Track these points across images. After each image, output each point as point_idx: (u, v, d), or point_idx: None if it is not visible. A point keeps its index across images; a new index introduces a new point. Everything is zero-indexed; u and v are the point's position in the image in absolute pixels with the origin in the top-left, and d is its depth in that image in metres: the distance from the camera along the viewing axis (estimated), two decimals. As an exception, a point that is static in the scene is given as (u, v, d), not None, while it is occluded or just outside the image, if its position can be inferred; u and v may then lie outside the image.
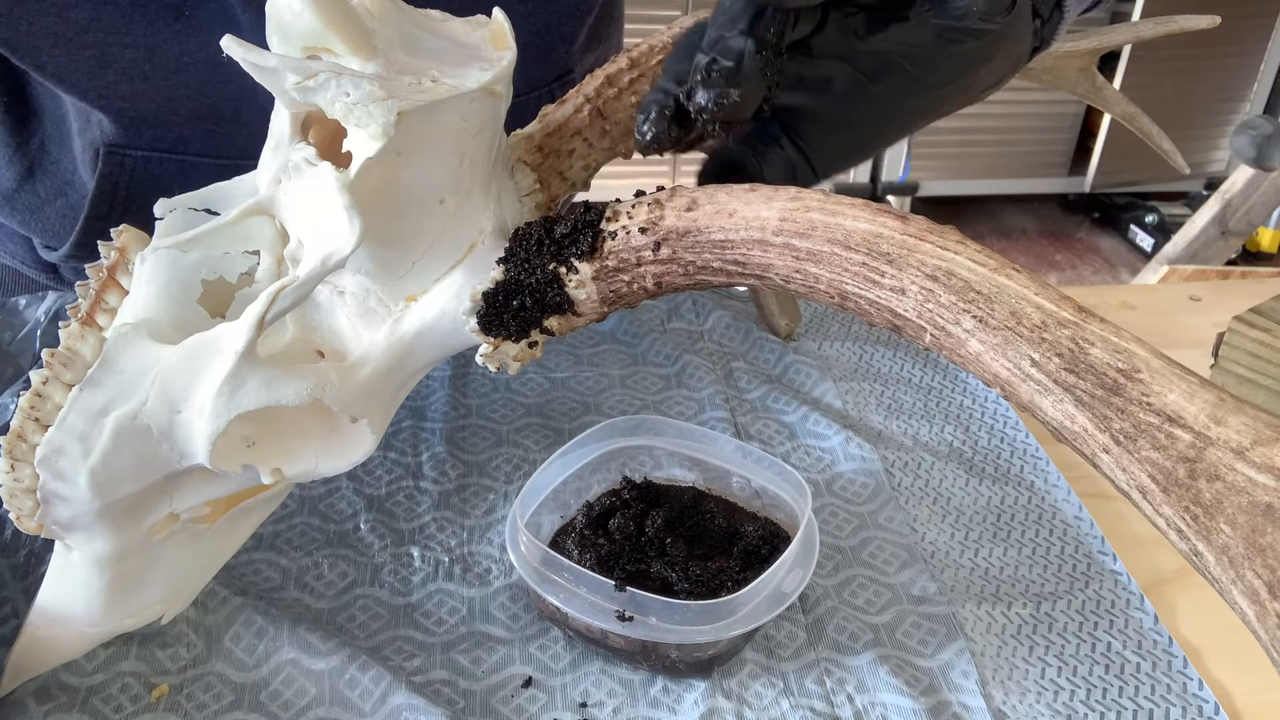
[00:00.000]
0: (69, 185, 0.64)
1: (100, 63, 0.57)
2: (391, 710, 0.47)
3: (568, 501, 0.56)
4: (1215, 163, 3.17)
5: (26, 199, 0.65)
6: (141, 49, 0.57)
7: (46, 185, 0.64)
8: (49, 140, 0.63)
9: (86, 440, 0.37)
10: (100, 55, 0.56)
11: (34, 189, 0.64)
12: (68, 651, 0.45)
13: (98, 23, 0.55)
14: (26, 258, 0.71)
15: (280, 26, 0.36)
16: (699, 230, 0.36)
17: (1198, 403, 0.29)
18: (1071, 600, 0.55)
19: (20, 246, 0.70)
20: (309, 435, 0.40)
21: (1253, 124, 1.73)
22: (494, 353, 0.41)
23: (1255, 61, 3.02)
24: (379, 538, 0.57)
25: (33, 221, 0.66)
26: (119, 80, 0.57)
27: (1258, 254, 2.91)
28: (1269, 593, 0.27)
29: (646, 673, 0.50)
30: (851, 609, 0.54)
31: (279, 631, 0.49)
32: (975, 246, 0.33)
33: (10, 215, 0.66)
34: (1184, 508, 0.29)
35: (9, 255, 0.71)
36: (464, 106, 0.37)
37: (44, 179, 0.64)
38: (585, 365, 0.72)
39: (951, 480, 0.63)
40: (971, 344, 0.32)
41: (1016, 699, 0.50)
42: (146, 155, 0.61)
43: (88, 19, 0.55)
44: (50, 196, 0.65)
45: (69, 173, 0.64)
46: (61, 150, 0.63)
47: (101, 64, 0.57)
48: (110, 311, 0.40)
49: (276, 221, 0.40)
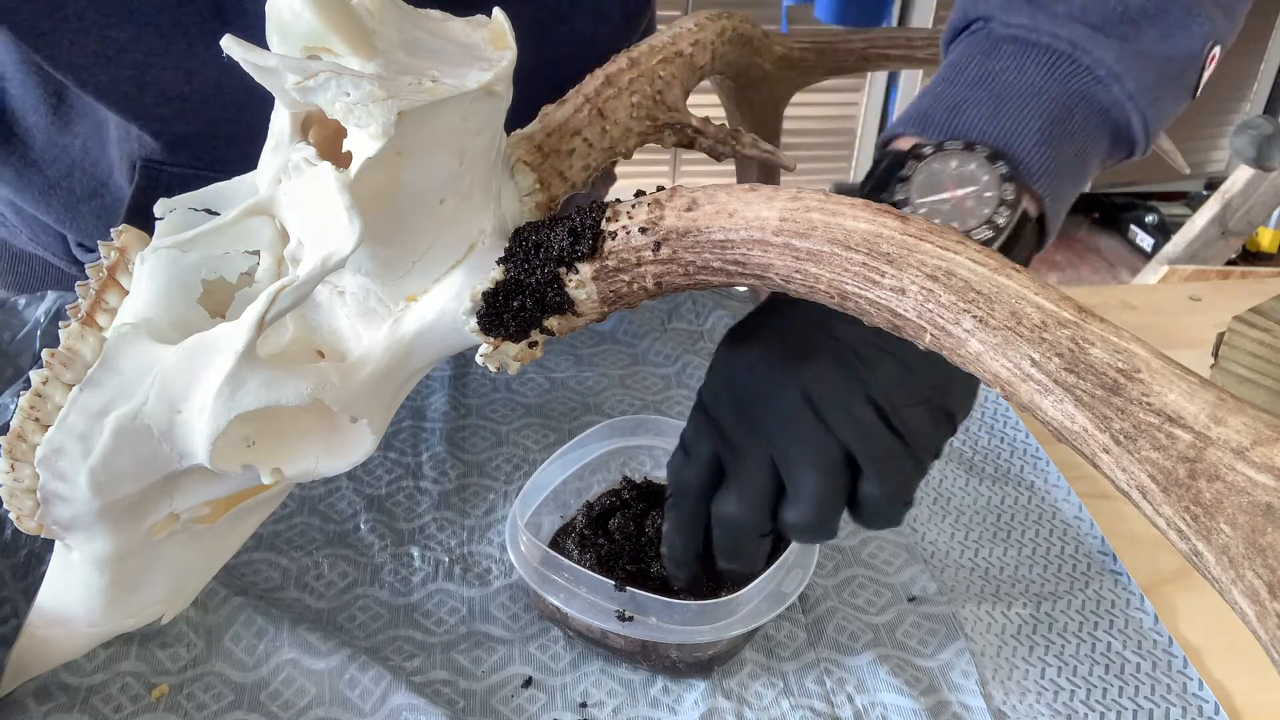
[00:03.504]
0: (104, 188, 0.64)
1: (139, 84, 0.57)
2: (391, 710, 0.47)
3: (568, 501, 0.56)
4: (1215, 163, 3.16)
5: (63, 196, 0.65)
6: (181, 71, 0.57)
7: (83, 184, 0.65)
8: (90, 141, 0.64)
9: (86, 440, 0.37)
10: (140, 76, 0.57)
11: (70, 187, 0.65)
12: (68, 651, 0.45)
13: (138, 43, 0.55)
14: (58, 249, 0.71)
15: (280, 26, 0.36)
16: (699, 230, 0.36)
17: (1198, 403, 0.29)
18: (1071, 600, 0.55)
19: (53, 239, 0.71)
20: (309, 435, 0.40)
21: (1253, 124, 1.73)
22: (494, 353, 0.41)
23: (1255, 61, 3.02)
24: (379, 538, 0.57)
25: (67, 219, 0.67)
26: (157, 102, 0.58)
27: (1258, 254, 2.91)
28: (1269, 593, 0.27)
29: (646, 673, 0.50)
30: (851, 609, 0.54)
31: (279, 631, 0.49)
32: (975, 246, 0.33)
33: (46, 210, 0.67)
34: (1184, 508, 0.29)
35: (42, 247, 0.72)
36: (464, 106, 0.37)
37: (81, 178, 0.64)
38: (585, 365, 0.72)
39: (951, 480, 0.63)
40: (971, 344, 0.32)
41: (1016, 699, 0.50)
42: (183, 172, 0.61)
43: (128, 39, 0.55)
44: (85, 196, 0.65)
45: (105, 174, 0.64)
46: (101, 153, 0.64)
47: (141, 85, 0.57)
48: (110, 311, 0.40)
49: (276, 221, 0.40)
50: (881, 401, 0.42)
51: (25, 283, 0.77)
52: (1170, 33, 0.48)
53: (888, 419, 0.42)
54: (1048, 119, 0.47)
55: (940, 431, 0.44)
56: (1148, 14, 0.48)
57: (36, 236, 0.71)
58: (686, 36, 0.50)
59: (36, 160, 0.64)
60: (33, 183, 0.65)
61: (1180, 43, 0.48)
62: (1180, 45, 0.49)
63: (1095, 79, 0.47)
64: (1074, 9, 0.48)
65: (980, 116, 0.47)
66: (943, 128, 0.48)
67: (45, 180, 0.65)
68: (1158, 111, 0.49)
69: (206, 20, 0.56)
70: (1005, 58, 0.48)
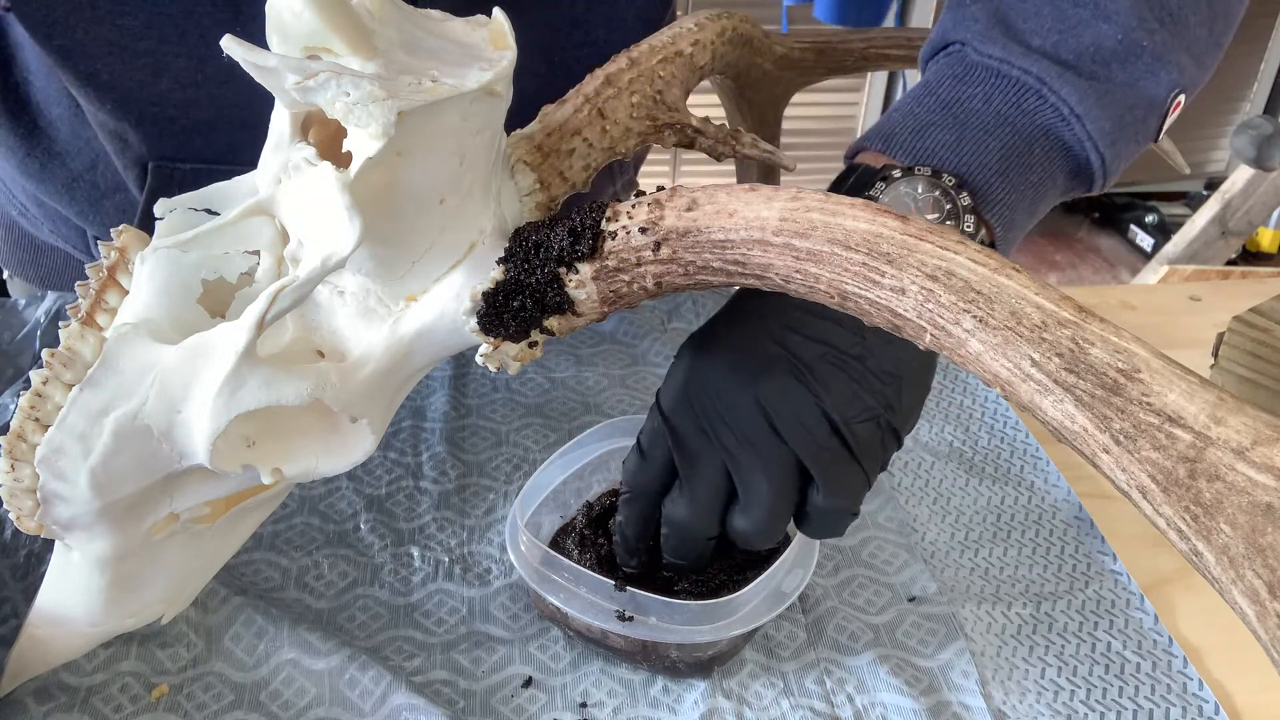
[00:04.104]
0: (127, 184, 0.65)
1: (154, 71, 0.58)
2: (391, 710, 0.47)
3: (568, 501, 0.56)
4: (1215, 163, 3.16)
5: (86, 190, 0.66)
6: (194, 59, 0.58)
7: (106, 179, 0.65)
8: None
9: (86, 440, 0.37)
10: (154, 63, 0.57)
11: (94, 180, 0.65)
12: (68, 651, 0.45)
13: (150, 30, 0.56)
14: (79, 243, 0.72)
15: (280, 27, 0.36)
16: (699, 230, 0.36)
17: (1198, 403, 0.29)
18: (1071, 600, 0.55)
19: (74, 232, 0.71)
20: (309, 435, 0.40)
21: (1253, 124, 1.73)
22: (494, 353, 0.41)
23: (1255, 61, 3.02)
24: (379, 538, 0.57)
25: (90, 213, 0.67)
26: (171, 88, 0.59)
27: (1258, 254, 2.91)
28: (1269, 593, 0.27)
29: (646, 673, 0.50)
30: (851, 609, 0.54)
31: (279, 631, 0.49)
32: (975, 246, 0.33)
33: (70, 204, 0.67)
34: (1184, 508, 0.29)
35: (63, 240, 0.72)
36: (464, 106, 0.37)
37: (105, 171, 0.65)
38: (585, 365, 0.72)
39: (951, 480, 0.63)
40: (971, 344, 0.32)
41: (1016, 699, 0.50)
42: (195, 168, 0.62)
43: (141, 27, 0.56)
44: (109, 190, 0.66)
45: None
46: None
47: (155, 72, 0.58)
48: (110, 311, 0.40)
49: (276, 221, 0.40)
50: (834, 415, 0.44)
51: (47, 275, 0.77)
52: (1138, 77, 0.50)
53: (839, 432, 0.44)
54: (1009, 150, 0.49)
55: (887, 447, 0.46)
56: (1118, 56, 0.50)
57: (58, 230, 0.71)
58: (686, 36, 0.50)
59: (61, 153, 0.65)
60: (56, 175, 0.65)
61: (1146, 88, 0.50)
62: (1146, 90, 0.50)
63: (1059, 116, 0.49)
64: (1047, 44, 0.50)
65: (943, 143, 0.49)
66: (908, 149, 0.49)
67: (69, 173, 0.65)
68: (1116, 153, 0.50)
69: (219, 8, 0.56)
70: (975, 85, 0.50)
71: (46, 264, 0.77)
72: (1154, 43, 0.50)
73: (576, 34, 0.64)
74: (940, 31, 0.54)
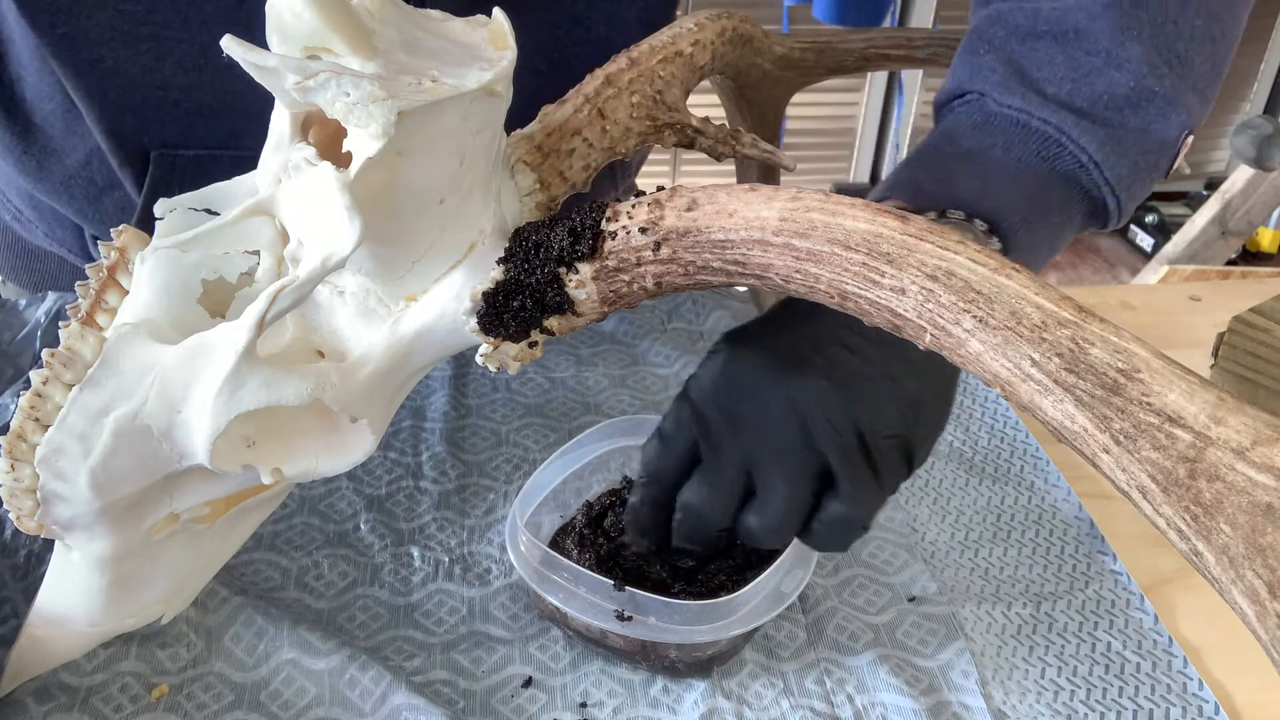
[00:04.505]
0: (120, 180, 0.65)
1: (156, 56, 0.58)
2: (391, 710, 0.47)
3: (568, 501, 0.56)
4: (1215, 163, 3.16)
5: (84, 186, 0.66)
6: (196, 44, 0.58)
7: (103, 174, 0.65)
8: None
9: (86, 440, 0.37)
10: (156, 48, 0.58)
11: (90, 176, 0.65)
12: (68, 651, 0.45)
13: (153, 15, 0.57)
14: (75, 245, 0.71)
15: (280, 27, 0.36)
16: (699, 230, 0.36)
17: (1198, 403, 0.29)
18: (1071, 600, 0.55)
19: (70, 234, 0.71)
20: (309, 435, 0.40)
21: (1253, 124, 1.73)
22: (494, 353, 0.41)
23: (1255, 61, 3.02)
24: (379, 538, 0.57)
25: (89, 210, 0.67)
26: (174, 73, 0.59)
27: (1258, 254, 2.91)
28: (1269, 593, 0.27)
29: (646, 673, 0.50)
30: (851, 609, 0.54)
31: (279, 631, 0.49)
32: (975, 246, 0.33)
33: (69, 202, 0.67)
34: (1184, 508, 0.29)
35: (58, 243, 0.72)
36: (464, 106, 0.37)
37: (100, 167, 0.65)
38: (585, 365, 0.72)
39: (951, 480, 0.63)
40: (971, 344, 0.32)
41: (1016, 699, 0.50)
42: (198, 155, 0.62)
43: (144, 12, 0.57)
44: (107, 186, 0.65)
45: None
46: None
47: (158, 57, 0.58)
48: (110, 311, 0.40)
49: (276, 221, 0.40)
50: (864, 426, 0.44)
51: (40, 280, 0.77)
52: (1150, 122, 0.52)
53: (866, 443, 0.44)
54: (1031, 196, 0.51)
55: (903, 469, 0.46)
56: (1131, 103, 0.51)
57: (53, 232, 0.71)
58: (686, 36, 0.50)
59: (57, 149, 0.65)
60: (54, 173, 0.65)
61: (1159, 131, 0.52)
62: (1158, 134, 0.52)
63: (1078, 163, 0.51)
64: (1062, 91, 0.52)
65: (970, 190, 0.50)
66: (935, 198, 0.50)
67: (65, 170, 0.65)
68: (1131, 194, 0.53)
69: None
70: (996, 134, 0.52)
71: (40, 269, 0.76)
72: (1164, 87, 0.51)
73: (577, 32, 0.64)
74: (956, 80, 0.55)
